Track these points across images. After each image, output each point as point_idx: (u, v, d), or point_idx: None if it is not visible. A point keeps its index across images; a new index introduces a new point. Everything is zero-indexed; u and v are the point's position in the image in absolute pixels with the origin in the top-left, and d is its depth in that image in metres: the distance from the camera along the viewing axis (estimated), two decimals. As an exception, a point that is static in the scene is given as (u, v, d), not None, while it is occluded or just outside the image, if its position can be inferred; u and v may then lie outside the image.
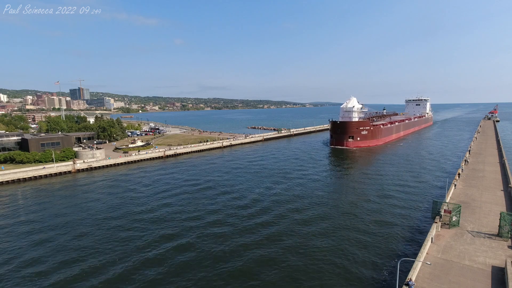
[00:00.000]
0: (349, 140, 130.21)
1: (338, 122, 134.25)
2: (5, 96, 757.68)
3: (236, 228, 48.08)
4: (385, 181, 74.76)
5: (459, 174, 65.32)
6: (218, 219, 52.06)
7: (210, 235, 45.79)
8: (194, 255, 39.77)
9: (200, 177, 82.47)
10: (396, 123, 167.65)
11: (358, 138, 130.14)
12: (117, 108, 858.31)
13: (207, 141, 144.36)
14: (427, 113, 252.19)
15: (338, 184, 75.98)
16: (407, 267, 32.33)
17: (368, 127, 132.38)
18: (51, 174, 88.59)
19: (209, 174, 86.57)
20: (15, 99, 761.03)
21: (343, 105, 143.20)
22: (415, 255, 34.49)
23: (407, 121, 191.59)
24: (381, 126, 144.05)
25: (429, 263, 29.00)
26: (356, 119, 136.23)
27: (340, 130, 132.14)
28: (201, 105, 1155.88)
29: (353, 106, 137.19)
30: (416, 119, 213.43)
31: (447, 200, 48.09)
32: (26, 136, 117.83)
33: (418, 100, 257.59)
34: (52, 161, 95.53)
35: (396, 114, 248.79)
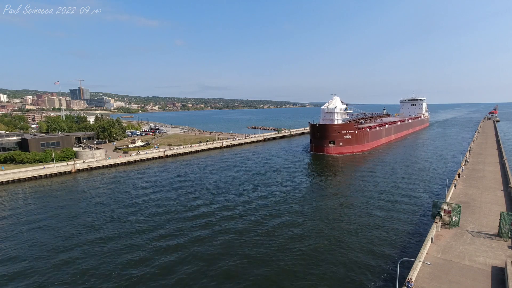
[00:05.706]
0: (330, 145, 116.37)
1: (317, 125, 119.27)
2: (5, 96, 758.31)
3: (233, 228, 48.08)
4: (384, 182, 74.74)
5: (459, 174, 65.28)
6: (217, 220, 52.09)
7: (207, 235, 45.81)
8: (191, 255, 39.77)
9: (200, 178, 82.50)
10: (386, 126, 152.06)
11: (341, 143, 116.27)
12: (117, 108, 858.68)
13: (207, 141, 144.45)
14: (423, 114, 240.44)
15: (334, 186, 75.89)
16: (407, 267, 32.32)
17: (352, 131, 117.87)
18: (51, 174, 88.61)
19: (208, 175, 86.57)
20: (15, 99, 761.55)
21: (324, 106, 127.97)
22: (415, 255, 34.42)
23: (399, 123, 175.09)
24: (368, 129, 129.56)
25: (429, 263, 28.98)
26: (339, 122, 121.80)
27: (320, 134, 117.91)
28: (201, 105, 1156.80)
29: (335, 107, 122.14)
30: (410, 121, 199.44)
31: (447, 200, 48.07)
32: (26, 136, 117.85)
33: (414, 100, 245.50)
34: (52, 161, 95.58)
35: (389, 116, 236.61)
